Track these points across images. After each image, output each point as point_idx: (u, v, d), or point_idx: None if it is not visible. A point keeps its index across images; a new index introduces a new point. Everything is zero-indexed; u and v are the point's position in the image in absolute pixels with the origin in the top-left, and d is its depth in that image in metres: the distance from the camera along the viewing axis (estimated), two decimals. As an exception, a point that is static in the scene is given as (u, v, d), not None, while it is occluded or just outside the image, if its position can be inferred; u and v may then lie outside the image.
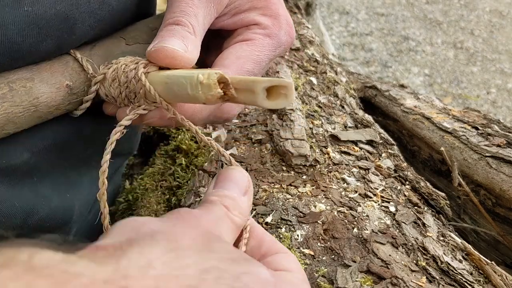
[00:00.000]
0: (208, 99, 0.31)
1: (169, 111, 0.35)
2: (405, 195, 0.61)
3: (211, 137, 0.67)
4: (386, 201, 0.57)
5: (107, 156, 0.35)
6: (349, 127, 0.75)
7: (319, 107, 0.78)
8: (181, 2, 0.39)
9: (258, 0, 0.42)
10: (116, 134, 0.35)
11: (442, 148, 0.79)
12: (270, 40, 0.42)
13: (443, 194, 0.65)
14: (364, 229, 0.50)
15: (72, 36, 0.39)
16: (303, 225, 0.50)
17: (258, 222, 0.51)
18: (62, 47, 0.39)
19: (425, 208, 0.60)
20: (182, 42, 0.36)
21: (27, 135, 0.39)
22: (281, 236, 0.48)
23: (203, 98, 0.31)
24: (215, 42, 0.45)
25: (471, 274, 0.48)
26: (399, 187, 0.62)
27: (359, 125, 0.77)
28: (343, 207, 0.54)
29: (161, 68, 0.37)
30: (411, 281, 0.44)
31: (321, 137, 0.68)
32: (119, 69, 0.38)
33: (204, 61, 0.45)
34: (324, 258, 0.46)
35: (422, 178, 0.68)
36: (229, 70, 0.39)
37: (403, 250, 0.49)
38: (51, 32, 0.36)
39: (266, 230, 0.49)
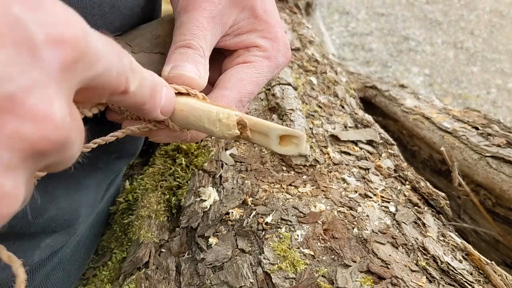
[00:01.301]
0: (224, 136, 0.32)
1: (184, 134, 0.37)
2: (405, 195, 0.61)
3: (211, 137, 0.67)
4: (386, 201, 0.57)
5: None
6: (349, 127, 0.75)
7: (319, 107, 0.78)
8: (191, 25, 0.40)
9: (259, 23, 0.44)
10: (119, 132, 0.36)
11: (442, 148, 0.79)
12: (269, 62, 0.44)
13: (443, 194, 0.65)
14: (364, 229, 0.50)
15: None
16: (303, 225, 0.50)
17: (258, 222, 0.51)
18: None
19: (425, 208, 0.60)
20: (195, 67, 0.39)
21: None
22: (281, 236, 0.48)
23: (219, 135, 0.33)
24: (216, 57, 0.46)
25: (471, 274, 0.48)
26: (399, 187, 0.62)
27: (359, 125, 0.77)
28: (343, 207, 0.54)
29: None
30: (411, 281, 0.44)
31: (321, 137, 0.68)
32: None
33: None
34: (324, 258, 0.46)
35: (422, 178, 0.68)
36: (232, 92, 0.41)
37: (403, 250, 0.49)
38: None
39: (266, 230, 0.49)
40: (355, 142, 0.70)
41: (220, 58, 0.47)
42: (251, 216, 0.52)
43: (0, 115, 0.17)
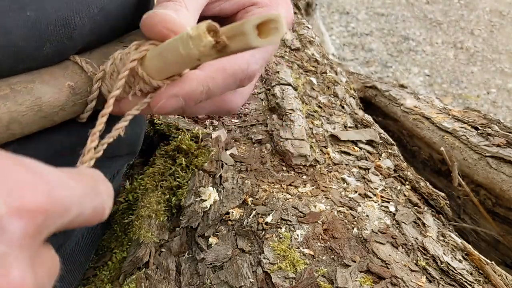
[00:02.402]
0: (201, 51, 0.31)
1: (164, 86, 0.36)
2: (405, 195, 0.61)
3: (211, 137, 0.67)
4: (386, 201, 0.57)
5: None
6: (349, 127, 0.75)
7: (319, 107, 0.78)
8: None
9: None
10: (122, 123, 0.36)
11: (442, 148, 0.79)
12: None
13: (443, 194, 0.65)
14: (364, 229, 0.50)
15: (71, 41, 0.39)
16: (303, 225, 0.50)
17: (258, 222, 0.51)
18: (61, 52, 0.39)
19: (425, 208, 0.60)
20: (174, 12, 0.36)
21: (35, 143, 0.40)
22: (281, 236, 0.48)
23: (197, 53, 0.31)
24: None
25: (471, 274, 0.48)
26: (399, 187, 0.62)
27: (359, 125, 0.77)
28: (343, 207, 0.54)
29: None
30: (411, 281, 0.44)
31: (321, 137, 0.68)
32: (116, 58, 0.38)
33: None
34: (324, 258, 0.46)
35: (422, 178, 0.68)
36: (237, 62, 0.38)
37: (403, 250, 0.49)
38: (51, 37, 0.37)
39: (266, 230, 0.49)
40: (355, 142, 0.70)
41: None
42: (251, 216, 0.52)
43: None
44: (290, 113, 0.70)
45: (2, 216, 0.20)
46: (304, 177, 0.60)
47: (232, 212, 0.53)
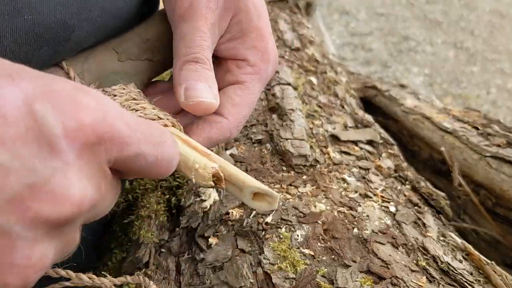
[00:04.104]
0: (198, 183, 0.33)
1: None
2: (405, 195, 0.61)
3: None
4: (386, 201, 0.57)
5: None
6: (349, 127, 0.75)
7: (319, 107, 0.78)
8: (194, 35, 0.41)
9: (251, 29, 0.45)
10: None
11: (442, 148, 0.79)
12: (259, 78, 0.45)
13: (443, 194, 0.65)
14: (364, 229, 0.50)
15: (69, 44, 0.39)
16: (303, 225, 0.50)
17: (258, 222, 0.51)
18: (58, 54, 0.39)
19: (425, 208, 0.60)
20: (208, 86, 0.40)
21: None
22: (281, 236, 0.48)
23: (193, 180, 0.34)
24: None
25: (471, 274, 0.48)
26: (399, 187, 0.62)
27: (359, 125, 0.77)
28: (343, 207, 0.54)
29: None
30: (411, 281, 0.44)
31: (321, 137, 0.68)
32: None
33: None
34: (324, 258, 0.46)
35: (422, 178, 0.68)
36: (228, 119, 0.42)
37: (403, 250, 0.49)
38: (49, 40, 0.37)
39: (266, 230, 0.49)
40: (355, 142, 0.70)
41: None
42: (251, 216, 0.52)
43: (25, 202, 0.21)
44: (290, 113, 0.70)
45: (58, 137, 0.22)
46: (304, 177, 0.60)
47: (232, 212, 0.53)
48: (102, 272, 0.57)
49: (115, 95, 0.39)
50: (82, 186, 0.23)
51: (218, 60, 0.46)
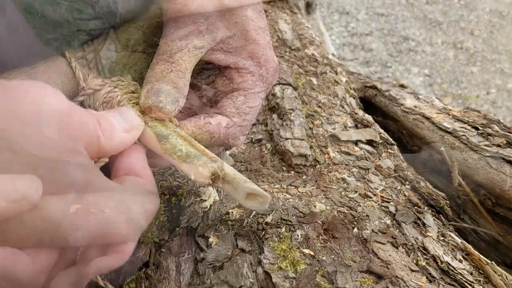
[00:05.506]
0: (196, 178, 0.34)
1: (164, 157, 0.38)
2: (405, 195, 0.61)
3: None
4: (386, 201, 0.57)
5: None
6: (349, 127, 0.75)
7: (319, 107, 0.78)
8: (176, 36, 0.41)
9: (249, 42, 0.46)
10: None
11: (442, 148, 0.79)
12: (260, 85, 0.46)
13: (443, 194, 0.65)
14: (364, 229, 0.50)
15: (74, 38, 0.40)
16: (303, 225, 0.50)
17: (258, 222, 0.51)
18: (62, 48, 0.40)
19: (425, 208, 0.60)
20: (173, 91, 0.39)
21: None
22: (281, 236, 0.48)
23: (192, 175, 0.34)
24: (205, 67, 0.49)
25: (471, 274, 0.48)
26: (399, 187, 0.62)
27: (359, 125, 0.77)
28: (343, 207, 0.54)
29: None
30: (411, 281, 0.44)
31: (321, 137, 0.68)
32: (114, 98, 0.39)
33: (197, 84, 0.48)
34: (324, 258, 0.46)
35: (422, 178, 0.68)
36: (233, 120, 0.44)
37: (403, 250, 0.49)
38: (56, 33, 0.38)
39: (266, 230, 0.49)
40: (355, 142, 0.70)
41: (214, 66, 0.48)
42: (251, 216, 0.52)
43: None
44: (290, 113, 0.70)
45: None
46: (304, 177, 0.60)
47: (232, 212, 0.53)
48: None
49: (115, 87, 0.39)
50: None
51: (220, 68, 0.48)
